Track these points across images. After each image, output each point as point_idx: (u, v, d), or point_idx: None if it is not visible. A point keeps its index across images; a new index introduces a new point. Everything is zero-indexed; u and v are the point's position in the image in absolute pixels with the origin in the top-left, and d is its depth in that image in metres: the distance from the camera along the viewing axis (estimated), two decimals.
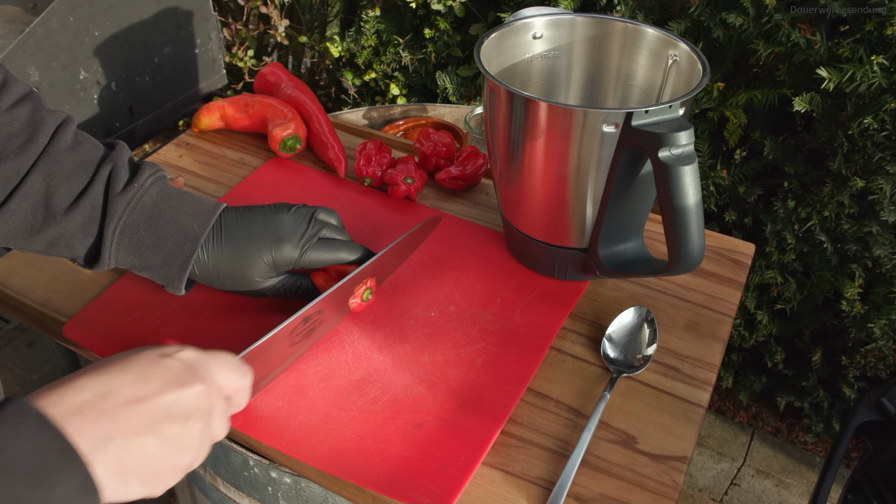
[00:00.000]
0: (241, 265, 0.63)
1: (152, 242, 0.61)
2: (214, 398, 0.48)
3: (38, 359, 1.72)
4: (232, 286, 0.65)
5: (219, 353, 0.51)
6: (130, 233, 0.61)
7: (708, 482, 1.53)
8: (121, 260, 0.62)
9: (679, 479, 0.60)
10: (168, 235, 0.61)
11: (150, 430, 0.43)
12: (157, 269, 0.62)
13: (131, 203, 0.61)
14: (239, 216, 0.65)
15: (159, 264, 0.62)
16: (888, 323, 1.22)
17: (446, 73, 1.41)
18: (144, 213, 0.61)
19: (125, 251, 0.62)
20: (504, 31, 0.74)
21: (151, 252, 0.62)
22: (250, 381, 0.53)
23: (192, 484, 0.80)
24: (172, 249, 0.62)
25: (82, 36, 0.97)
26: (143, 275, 0.63)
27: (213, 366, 0.49)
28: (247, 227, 0.64)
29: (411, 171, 0.87)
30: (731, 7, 1.11)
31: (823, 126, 1.16)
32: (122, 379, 0.44)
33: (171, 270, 0.62)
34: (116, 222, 0.61)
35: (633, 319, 0.72)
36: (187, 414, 0.46)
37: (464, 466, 0.59)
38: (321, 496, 0.65)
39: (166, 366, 0.46)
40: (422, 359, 0.68)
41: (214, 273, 0.63)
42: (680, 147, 0.58)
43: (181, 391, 0.46)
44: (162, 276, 0.63)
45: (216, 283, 0.64)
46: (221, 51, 1.19)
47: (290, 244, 0.64)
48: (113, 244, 0.61)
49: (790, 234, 1.26)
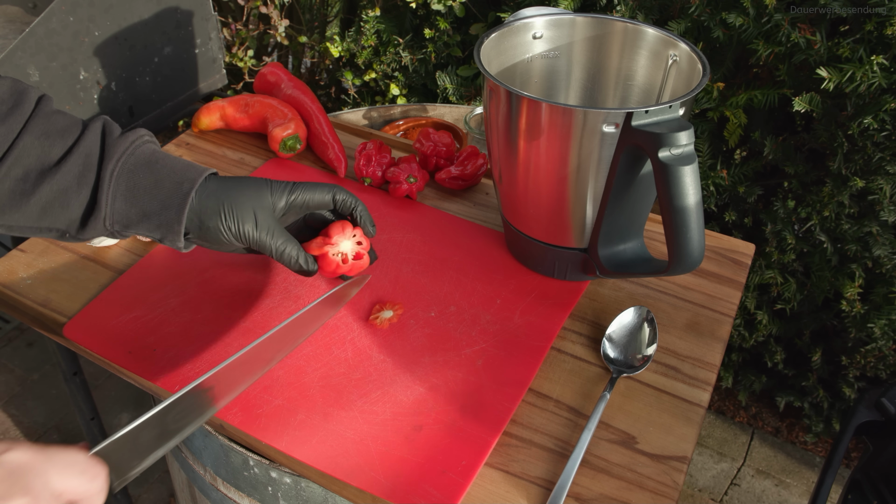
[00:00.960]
0: (241, 189, 0.62)
1: (150, 185, 0.60)
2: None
3: (38, 359, 1.72)
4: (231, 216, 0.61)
5: (63, 451, 0.44)
6: (128, 176, 0.60)
7: (708, 482, 1.53)
8: (117, 210, 0.60)
9: (679, 479, 0.60)
10: (165, 177, 0.60)
11: None
12: (155, 214, 0.60)
13: (130, 147, 0.60)
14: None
15: (157, 208, 0.60)
16: (888, 323, 1.22)
17: (446, 73, 1.41)
18: (143, 158, 0.60)
19: (122, 198, 0.60)
20: (504, 31, 0.74)
21: (149, 196, 0.60)
22: (102, 483, 0.45)
23: (193, 484, 0.80)
24: (170, 190, 0.60)
25: (82, 36, 0.96)
26: (140, 231, 0.61)
27: (51, 469, 0.42)
28: (239, 176, 0.64)
29: (414, 171, 0.87)
30: (731, 7, 1.11)
31: (823, 126, 1.15)
32: None
33: (170, 214, 0.60)
34: (115, 163, 0.59)
35: (633, 319, 0.72)
36: None
37: (465, 471, 0.59)
38: (321, 496, 0.65)
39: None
40: (422, 359, 0.68)
41: (214, 204, 0.61)
42: (680, 147, 0.58)
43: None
44: (160, 222, 0.60)
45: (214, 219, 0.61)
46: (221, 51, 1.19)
47: (281, 182, 0.64)
48: (110, 188, 0.59)
49: (790, 234, 1.26)
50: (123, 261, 0.80)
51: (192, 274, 0.77)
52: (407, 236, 0.82)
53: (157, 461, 0.50)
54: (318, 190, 0.65)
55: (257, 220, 0.62)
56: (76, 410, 1.07)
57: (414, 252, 0.80)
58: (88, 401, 1.05)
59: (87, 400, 1.05)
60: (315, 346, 0.69)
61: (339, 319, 0.72)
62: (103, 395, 1.64)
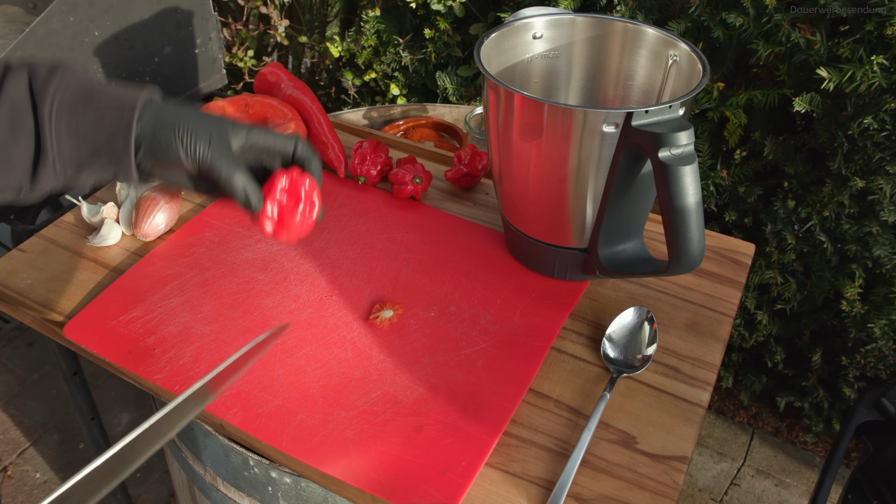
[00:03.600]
0: (195, 110, 0.59)
1: (93, 119, 0.57)
2: None
3: (38, 359, 1.72)
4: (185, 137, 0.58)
5: None
6: (68, 113, 0.57)
7: (708, 482, 1.53)
8: (64, 152, 0.57)
9: (679, 479, 0.60)
10: (107, 107, 0.57)
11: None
12: (104, 147, 0.58)
13: (62, 84, 0.57)
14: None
15: (105, 139, 0.57)
16: (888, 323, 1.22)
17: (446, 73, 1.41)
18: (78, 91, 0.58)
19: (67, 138, 0.57)
20: (504, 31, 0.74)
21: (94, 129, 0.57)
22: None
23: (193, 484, 0.80)
24: (114, 117, 0.57)
25: (82, 36, 0.96)
26: (93, 171, 0.58)
27: None
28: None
29: (419, 171, 0.87)
30: (731, 7, 1.11)
31: (823, 126, 1.15)
32: None
33: (118, 143, 0.57)
34: (50, 103, 0.56)
35: (633, 319, 0.72)
36: None
37: (465, 472, 0.59)
38: (321, 496, 0.65)
39: None
40: (422, 359, 0.68)
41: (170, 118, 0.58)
42: (680, 147, 0.58)
43: None
44: (110, 156, 0.58)
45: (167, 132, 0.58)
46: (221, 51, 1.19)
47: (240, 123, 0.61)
48: (53, 131, 0.56)
49: (790, 234, 1.26)
50: (123, 261, 0.80)
51: (192, 274, 0.77)
52: (407, 236, 0.82)
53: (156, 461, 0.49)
54: (279, 136, 0.62)
55: (212, 141, 0.59)
56: (76, 410, 1.07)
57: (414, 252, 0.80)
58: (88, 401, 1.05)
59: (87, 400, 1.05)
60: (315, 345, 0.69)
61: (339, 319, 0.72)
62: (103, 395, 1.64)
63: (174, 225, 0.84)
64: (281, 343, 0.69)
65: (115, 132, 0.57)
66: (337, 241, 0.81)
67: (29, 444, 1.54)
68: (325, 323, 0.71)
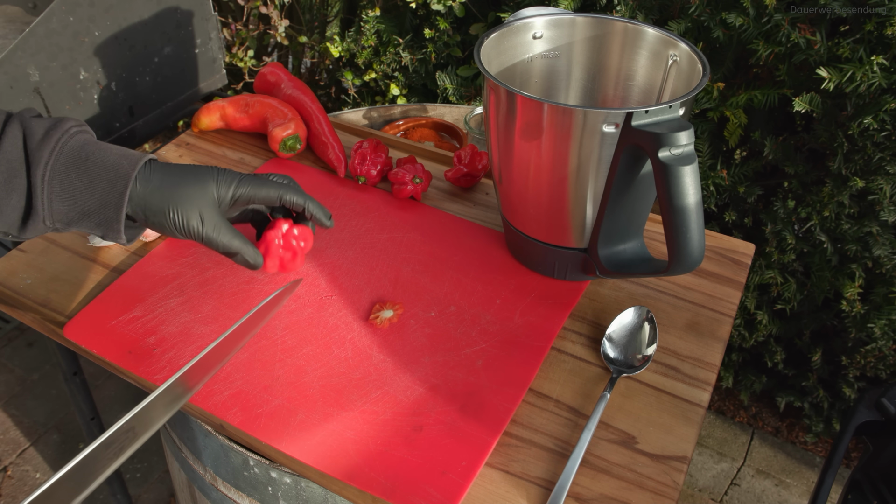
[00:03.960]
0: (184, 184, 0.61)
1: (84, 185, 0.59)
2: None
3: (38, 359, 1.72)
4: (174, 212, 0.61)
5: None
6: (61, 178, 0.58)
7: (708, 482, 1.53)
8: (55, 212, 0.59)
9: (679, 479, 0.60)
10: (100, 175, 0.59)
11: None
12: (94, 213, 0.59)
13: (56, 147, 0.58)
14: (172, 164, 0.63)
15: (95, 207, 0.59)
16: (888, 323, 1.22)
17: (446, 73, 1.41)
18: (72, 157, 0.59)
19: (58, 200, 0.59)
20: (504, 31, 0.74)
21: (85, 196, 0.59)
22: None
23: (193, 484, 0.80)
24: (106, 188, 0.59)
25: (82, 36, 0.96)
26: (82, 228, 0.61)
27: None
28: (182, 165, 0.63)
29: (419, 171, 0.87)
30: (731, 7, 1.11)
31: (823, 126, 1.15)
32: None
33: (108, 212, 0.59)
34: (44, 168, 0.58)
35: (633, 319, 0.72)
36: None
37: (465, 472, 0.59)
38: (321, 496, 0.65)
39: None
40: (422, 359, 0.68)
41: (157, 199, 0.60)
42: (680, 147, 0.58)
43: None
44: (100, 220, 0.60)
45: (157, 214, 0.61)
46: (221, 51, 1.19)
47: (230, 173, 0.63)
48: (44, 193, 0.58)
49: (790, 234, 1.26)
50: (123, 261, 0.80)
51: (192, 274, 0.77)
52: (407, 236, 0.82)
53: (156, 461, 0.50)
54: (266, 188, 0.64)
55: (203, 219, 0.62)
56: (76, 410, 1.07)
57: (414, 252, 0.80)
58: (88, 401, 1.05)
59: (87, 400, 1.05)
60: (315, 346, 0.69)
61: (338, 319, 0.72)
62: (103, 395, 1.64)
63: None
64: (281, 343, 0.69)
65: (106, 202, 0.59)
66: (337, 242, 0.81)
67: (29, 444, 1.54)
68: (325, 323, 0.71)
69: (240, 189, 0.63)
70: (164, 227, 0.62)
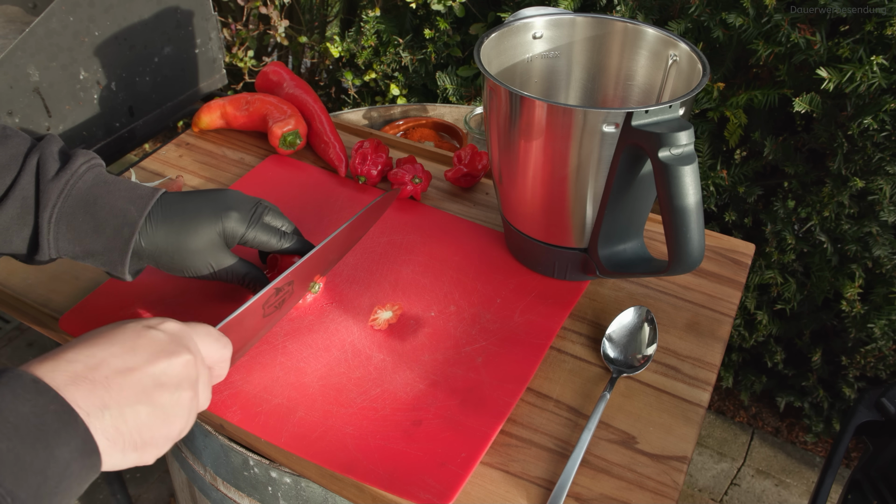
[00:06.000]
0: (190, 237, 0.62)
1: (91, 228, 0.60)
2: (200, 367, 0.49)
3: None
4: (182, 263, 0.63)
5: (199, 324, 0.52)
6: (67, 220, 0.60)
7: (708, 482, 1.53)
8: (61, 249, 0.61)
9: (679, 479, 0.60)
10: (106, 220, 0.60)
11: (142, 399, 0.44)
12: (100, 254, 0.61)
13: (65, 190, 0.59)
14: (182, 196, 0.64)
15: (101, 250, 0.60)
16: (888, 323, 1.22)
17: (446, 74, 1.41)
18: (80, 199, 0.60)
19: (64, 239, 0.60)
20: (504, 31, 0.74)
21: (91, 238, 0.60)
22: (230, 352, 0.54)
23: (193, 484, 0.80)
24: (112, 234, 0.60)
25: (82, 36, 0.96)
26: (87, 262, 0.62)
27: (196, 336, 0.51)
28: (193, 200, 0.63)
29: (419, 172, 0.87)
30: (731, 7, 1.11)
31: (823, 126, 1.15)
32: (111, 350, 0.45)
33: (113, 256, 0.60)
34: (51, 210, 0.59)
35: (633, 319, 0.72)
36: (177, 383, 0.47)
37: (464, 463, 0.59)
38: (321, 496, 0.65)
39: (152, 337, 0.47)
40: (422, 357, 0.68)
41: (163, 248, 0.62)
42: (680, 147, 0.58)
43: (169, 360, 0.47)
44: (105, 261, 0.61)
45: (165, 260, 0.63)
46: (221, 51, 1.19)
47: (238, 213, 0.64)
48: (51, 233, 0.59)
49: (790, 234, 1.26)
50: None
51: None
52: (407, 237, 0.82)
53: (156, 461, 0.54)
54: (271, 237, 0.66)
55: (213, 266, 0.64)
56: None
57: (414, 252, 0.80)
58: None
59: None
60: (314, 347, 0.69)
61: (339, 320, 0.72)
62: None
63: None
64: (280, 344, 0.69)
65: (111, 247, 0.61)
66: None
67: None
68: (325, 324, 0.71)
69: (247, 234, 0.65)
70: (173, 272, 0.64)
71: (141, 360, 0.45)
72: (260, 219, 0.66)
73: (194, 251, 0.62)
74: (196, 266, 0.63)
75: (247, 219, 0.65)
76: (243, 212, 0.64)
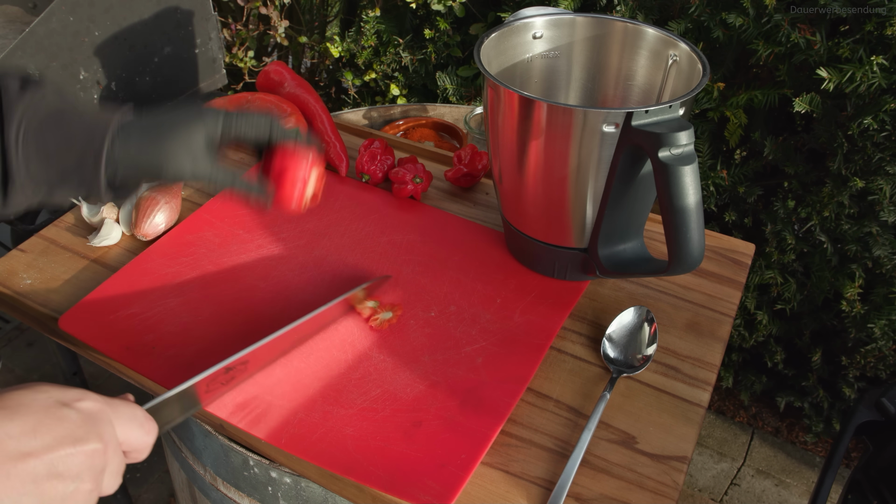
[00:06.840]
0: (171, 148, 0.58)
1: (61, 142, 0.55)
2: (111, 455, 0.44)
3: (38, 359, 1.72)
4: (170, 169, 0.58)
5: (124, 403, 0.47)
6: (35, 135, 0.55)
7: (708, 482, 1.53)
8: (34, 174, 0.55)
9: (679, 479, 0.60)
10: (77, 131, 0.56)
11: (30, 490, 0.39)
12: (73, 171, 0.56)
13: (31, 106, 0.55)
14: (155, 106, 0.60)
15: (74, 164, 0.56)
16: (888, 323, 1.22)
17: (446, 74, 1.41)
18: (48, 113, 0.56)
19: (35, 161, 0.55)
20: (504, 31, 0.74)
21: (63, 153, 0.56)
22: (153, 438, 0.49)
23: (193, 484, 0.80)
24: (84, 144, 0.56)
25: (82, 36, 0.96)
26: (67, 193, 0.57)
27: (116, 419, 0.45)
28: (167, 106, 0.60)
29: (420, 171, 0.87)
30: (731, 7, 1.11)
31: (823, 126, 1.15)
32: (8, 429, 0.39)
33: (87, 171, 0.56)
34: (18, 125, 0.54)
35: (633, 319, 0.72)
36: (76, 474, 0.41)
37: (464, 464, 0.59)
38: (321, 496, 0.65)
39: (62, 416, 0.41)
40: (422, 358, 0.68)
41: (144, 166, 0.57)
42: (680, 147, 0.58)
43: (74, 448, 0.41)
44: (81, 180, 0.56)
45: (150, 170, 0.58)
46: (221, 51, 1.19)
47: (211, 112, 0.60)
48: (20, 153, 0.55)
49: (790, 234, 1.26)
50: (123, 261, 0.80)
51: (192, 276, 0.77)
52: (407, 237, 0.82)
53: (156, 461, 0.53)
54: (255, 125, 0.61)
55: (194, 171, 0.59)
56: None
57: (414, 252, 0.80)
58: None
59: None
60: (314, 348, 0.69)
61: (339, 321, 0.72)
62: None
63: (174, 225, 0.84)
64: (280, 346, 0.69)
65: (84, 158, 0.56)
66: (337, 243, 0.81)
67: None
68: (325, 325, 0.71)
69: (227, 124, 0.60)
70: (160, 178, 0.59)
71: (40, 446, 0.40)
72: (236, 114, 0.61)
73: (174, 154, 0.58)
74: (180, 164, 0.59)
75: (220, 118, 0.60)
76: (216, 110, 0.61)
